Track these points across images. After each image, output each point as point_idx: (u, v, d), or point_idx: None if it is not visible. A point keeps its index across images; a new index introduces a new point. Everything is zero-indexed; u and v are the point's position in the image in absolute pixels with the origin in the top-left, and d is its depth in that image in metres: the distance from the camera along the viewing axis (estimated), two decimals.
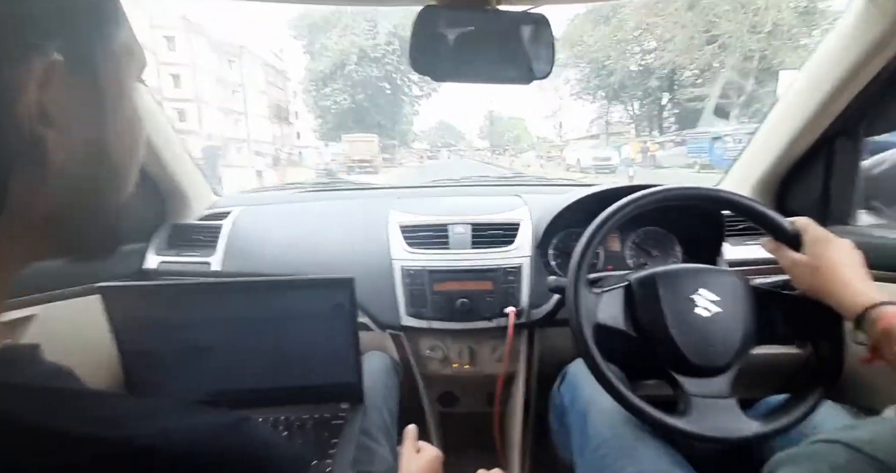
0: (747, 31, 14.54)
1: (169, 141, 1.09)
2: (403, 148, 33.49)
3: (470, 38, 0.75)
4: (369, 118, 28.64)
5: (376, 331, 1.05)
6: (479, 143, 50.41)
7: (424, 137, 54.74)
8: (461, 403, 1.18)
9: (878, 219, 1.07)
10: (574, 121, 33.94)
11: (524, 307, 1.00)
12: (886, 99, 0.90)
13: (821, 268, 0.61)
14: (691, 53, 16.39)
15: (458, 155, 40.32)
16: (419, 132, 51.89)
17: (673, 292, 0.67)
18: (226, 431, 0.29)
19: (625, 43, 20.57)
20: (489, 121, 49.08)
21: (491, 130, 48.46)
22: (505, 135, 47.94)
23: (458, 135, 59.21)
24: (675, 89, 18.61)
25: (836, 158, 1.01)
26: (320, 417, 0.76)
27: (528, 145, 42.51)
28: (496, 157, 34.90)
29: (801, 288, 0.66)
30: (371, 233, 1.08)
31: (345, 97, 28.42)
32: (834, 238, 0.63)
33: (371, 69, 28.17)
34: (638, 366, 0.77)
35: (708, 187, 0.75)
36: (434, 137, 55.62)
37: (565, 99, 31.09)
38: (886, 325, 0.52)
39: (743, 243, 1.07)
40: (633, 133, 22.96)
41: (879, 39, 0.80)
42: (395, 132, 30.13)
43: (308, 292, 0.75)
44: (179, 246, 1.15)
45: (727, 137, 10.45)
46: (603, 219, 0.70)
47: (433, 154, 40.60)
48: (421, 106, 34.99)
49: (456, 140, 55.81)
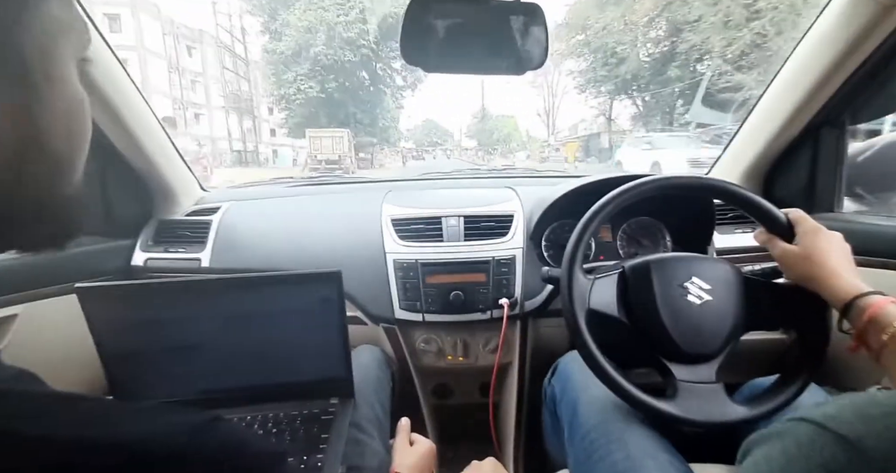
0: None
1: (154, 134, 1.06)
2: (386, 146, 29.86)
3: (462, 28, 0.74)
4: (343, 112, 24.03)
5: (370, 325, 1.05)
6: (468, 142, 48.59)
7: (410, 136, 51.92)
8: (455, 395, 1.19)
9: (861, 206, 1.09)
10: (570, 117, 32.92)
11: (517, 298, 1.00)
12: (870, 88, 0.92)
13: (811, 257, 0.62)
14: (727, 33, 12.88)
15: (446, 155, 38.92)
16: (405, 131, 49.11)
17: (666, 279, 0.68)
18: (197, 431, 0.28)
19: (639, 26, 17.49)
20: (478, 118, 47.22)
21: (479, 127, 46.76)
22: (494, 134, 45.86)
23: (446, 133, 56.46)
24: (698, 77, 14.83)
25: (821, 147, 1.03)
26: (310, 413, 0.75)
27: (519, 145, 41.03)
28: (487, 156, 33.59)
29: (790, 277, 0.67)
30: (363, 226, 1.08)
31: (311, 85, 22.60)
32: (826, 230, 0.64)
33: (344, 53, 22.57)
34: (629, 354, 0.78)
35: (703, 176, 0.76)
36: (420, 136, 53.12)
37: (569, 92, 28.66)
38: (872, 314, 0.53)
39: (731, 231, 1.08)
40: (639, 130, 19.22)
41: (863, 29, 0.81)
42: (376, 129, 25.50)
43: (295, 287, 0.74)
44: (167, 242, 1.13)
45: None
46: (598, 207, 0.70)
47: (418, 154, 37.65)
48: (405, 99, 29.66)
49: (443, 139, 53.54)
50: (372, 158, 23.75)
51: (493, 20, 0.74)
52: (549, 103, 32.86)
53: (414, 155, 36.54)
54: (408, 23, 0.70)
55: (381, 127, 24.71)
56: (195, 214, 1.18)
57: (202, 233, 1.12)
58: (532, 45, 0.74)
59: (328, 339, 0.76)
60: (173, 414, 0.29)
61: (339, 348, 0.77)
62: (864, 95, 0.94)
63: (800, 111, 0.98)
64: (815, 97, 0.95)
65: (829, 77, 0.90)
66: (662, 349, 0.66)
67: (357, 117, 24.55)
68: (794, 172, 1.08)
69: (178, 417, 0.29)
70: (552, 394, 0.85)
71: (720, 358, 0.66)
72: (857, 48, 0.84)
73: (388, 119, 28.38)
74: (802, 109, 0.97)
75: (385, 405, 0.86)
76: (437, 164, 24.06)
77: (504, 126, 47.48)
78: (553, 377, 0.87)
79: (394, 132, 31.31)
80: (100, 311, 0.69)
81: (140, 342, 0.72)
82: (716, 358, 0.66)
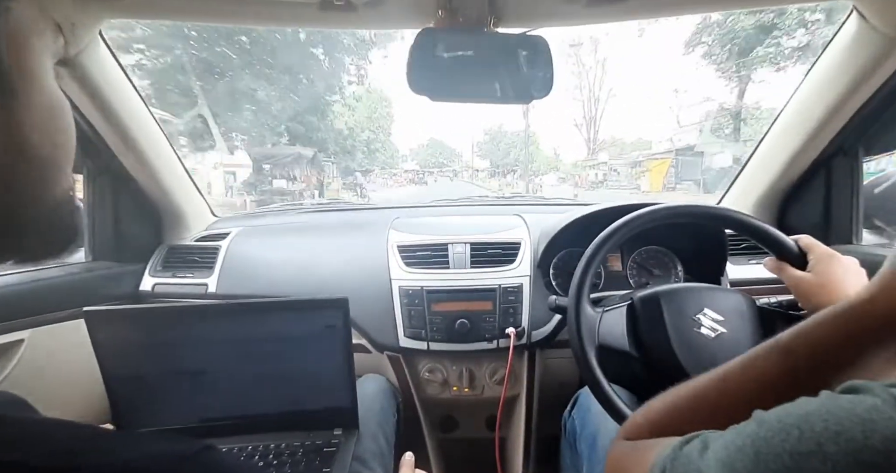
0: None
1: (167, 160, 1.09)
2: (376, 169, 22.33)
3: (468, 59, 0.75)
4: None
5: (374, 353, 1.03)
6: (479, 162, 42.69)
7: (413, 156, 45.69)
8: (461, 428, 1.15)
9: (880, 238, 1.06)
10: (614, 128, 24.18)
11: (525, 327, 0.98)
12: (884, 118, 0.91)
13: (826, 285, 0.60)
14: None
15: (449, 177, 35.23)
16: (408, 150, 43.03)
17: (677, 311, 0.66)
18: (186, 460, 0.28)
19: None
20: (490, 135, 40.96)
21: (491, 147, 40.74)
22: (511, 153, 38.66)
23: (453, 153, 48.45)
24: None
25: (835, 178, 1.01)
26: (312, 444, 0.74)
27: (545, 166, 34.52)
28: (501, 179, 29.85)
29: (807, 307, 0.64)
30: (370, 253, 1.07)
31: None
32: (839, 256, 0.62)
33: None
34: (643, 387, 0.75)
35: (712, 205, 0.75)
36: (425, 157, 46.54)
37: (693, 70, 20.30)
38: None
39: (745, 262, 1.06)
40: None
41: (872, 60, 0.81)
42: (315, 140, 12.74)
43: (300, 313, 0.73)
44: (176, 267, 1.14)
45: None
46: (606, 236, 0.69)
47: (419, 178, 32.64)
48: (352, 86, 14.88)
49: (450, 159, 46.71)
50: (359, 187, 16.20)
51: (499, 52, 0.75)
52: (589, 110, 25.03)
53: (412, 178, 32.42)
54: (414, 53, 0.71)
55: (319, 139, 13.18)
56: (204, 239, 1.19)
57: (210, 258, 1.13)
58: (537, 76, 0.76)
59: (333, 367, 0.75)
60: (162, 442, 0.28)
61: (344, 377, 0.76)
62: (878, 126, 0.93)
63: (811, 141, 0.97)
64: (827, 127, 0.94)
65: (840, 107, 0.89)
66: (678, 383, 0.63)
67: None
68: (809, 203, 1.06)
69: (167, 445, 0.28)
70: (572, 427, 0.81)
71: None
72: (867, 79, 0.83)
73: (326, 118, 14.37)
74: (814, 138, 0.96)
75: (389, 438, 0.84)
76: (440, 189, 21.42)
77: (520, 142, 38.66)
78: (573, 409, 0.84)
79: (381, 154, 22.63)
80: (106, 335, 0.69)
81: (144, 367, 0.72)
82: None
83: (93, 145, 0.96)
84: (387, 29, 0.83)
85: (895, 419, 0.23)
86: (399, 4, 0.74)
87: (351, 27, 0.82)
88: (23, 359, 0.84)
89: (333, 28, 0.84)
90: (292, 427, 0.76)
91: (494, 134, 41.61)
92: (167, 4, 0.76)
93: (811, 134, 0.96)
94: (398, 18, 0.79)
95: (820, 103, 0.92)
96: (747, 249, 1.06)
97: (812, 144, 0.98)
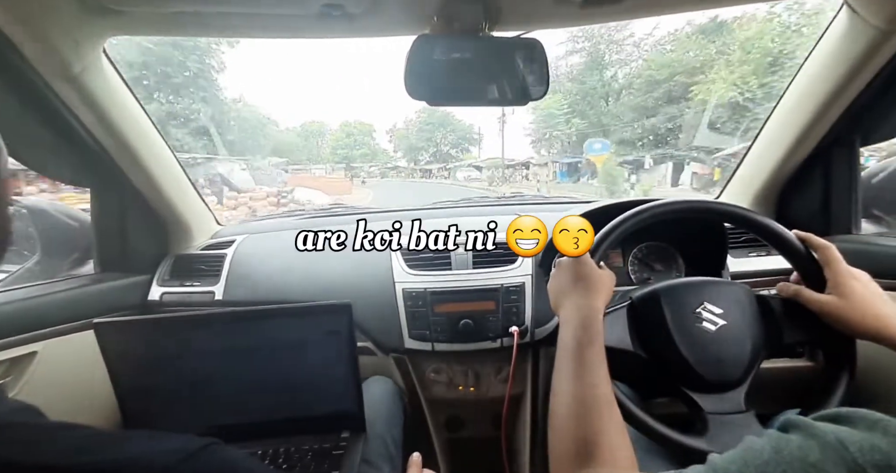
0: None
1: (171, 171, 1.10)
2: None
3: (464, 63, 0.77)
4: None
5: (379, 355, 1.04)
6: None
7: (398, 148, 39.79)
8: (467, 427, 1.16)
9: (879, 228, 1.06)
10: None
11: (528, 326, 0.99)
12: (880, 108, 0.91)
13: (854, 306, 0.60)
14: None
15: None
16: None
17: (677, 307, 0.66)
18: (191, 456, 0.29)
19: None
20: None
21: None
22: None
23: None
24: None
25: (834, 169, 1.01)
26: (320, 447, 0.75)
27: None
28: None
29: (838, 328, 0.62)
30: (372, 256, 1.09)
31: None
32: (854, 271, 0.62)
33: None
34: (649, 384, 0.76)
35: (713, 200, 0.75)
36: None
37: None
38: None
39: (745, 255, 1.06)
40: None
41: (864, 53, 0.81)
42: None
43: (305, 319, 0.74)
44: (183, 276, 1.15)
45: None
46: (606, 232, 0.70)
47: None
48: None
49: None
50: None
51: (495, 55, 0.76)
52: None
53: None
54: (411, 59, 0.73)
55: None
56: (210, 248, 1.21)
57: (216, 266, 1.14)
58: (533, 78, 0.77)
59: (339, 371, 0.76)
60: (168, 440, 0.29)
61: (350, 381, 0.77)
62: (874, 116, 0.93)
63: (808, 133, 0.98)
64: (822, 119, 0.94)
65: (834, 99, 0.90)
66: (685, 380, 0.64)
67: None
68: (808, 195, 1.06)
69: (172, 443, 0.29)
70: None
71: (746, 385, 0.64)
72: (860, 71, 0.84)
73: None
74: (810, 130, 0.97)
75: (396, 440, 0.85)
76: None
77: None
78: None
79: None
80: (116, 346, 0.70)
81: (154, 376, 0.73)
82: (741, 385, 0.64)
83: (98, 159, 0.98)
84: (383, 36, 0.84)
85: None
86: (395, 12, 0.75)
87: (349, 36, 0.83)
88: (36, 371, 0.86)
89: (332, 38, 0.85)
90: (300, 431, 0.77)
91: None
92: (169, 20, 0.77)
93: (807, 126, 0.96)
94: (394, 26, 0.80)
95: (814, 96, 0.92)
96: (747, 242, 1.07)
97: (809, 136, 0.98)
